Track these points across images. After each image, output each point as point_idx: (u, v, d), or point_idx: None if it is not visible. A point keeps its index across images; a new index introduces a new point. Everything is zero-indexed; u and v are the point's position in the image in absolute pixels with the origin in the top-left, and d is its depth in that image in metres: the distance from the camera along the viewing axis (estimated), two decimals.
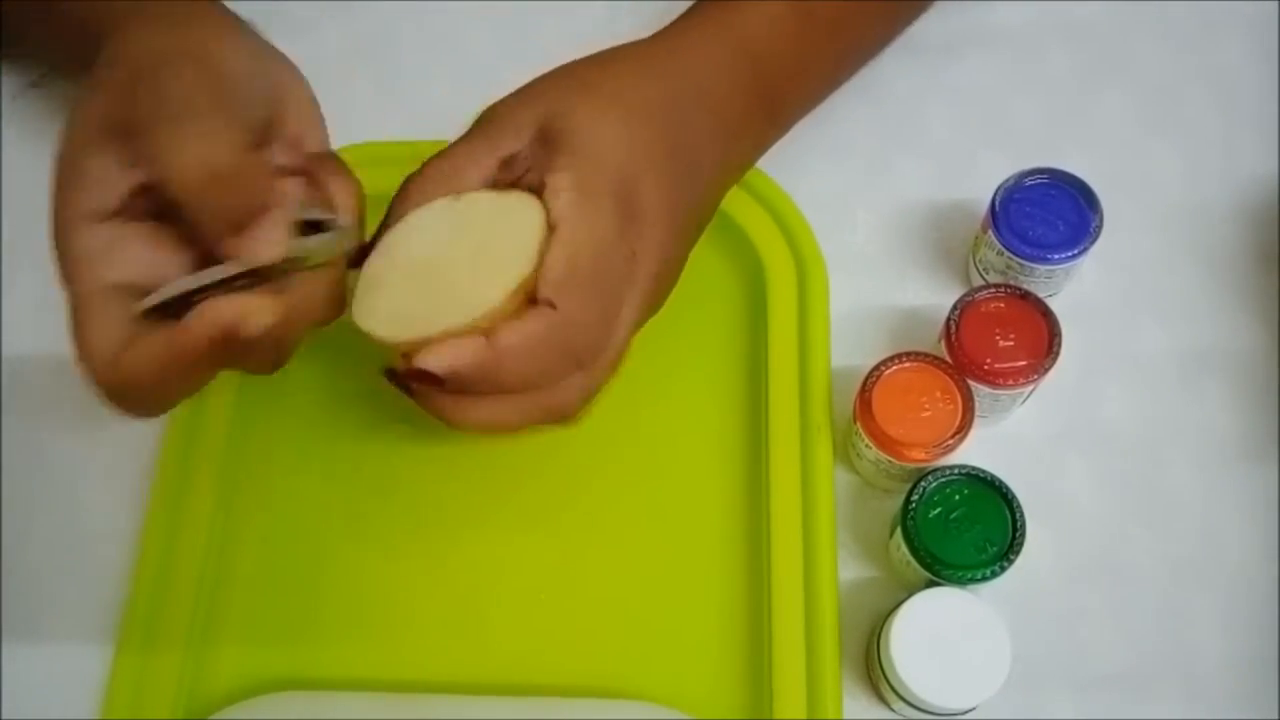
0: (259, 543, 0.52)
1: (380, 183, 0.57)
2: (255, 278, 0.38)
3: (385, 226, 0.44)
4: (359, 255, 0.43)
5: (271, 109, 0.41)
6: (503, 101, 0.45)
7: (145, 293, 0.38)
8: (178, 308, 0.38)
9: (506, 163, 0.44)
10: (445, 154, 0.44)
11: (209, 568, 0.50)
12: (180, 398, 0.40)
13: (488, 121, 0.45)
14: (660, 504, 0.52)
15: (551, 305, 0.40)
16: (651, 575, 0.50)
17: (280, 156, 0.41)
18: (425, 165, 0.44)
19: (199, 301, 0.37)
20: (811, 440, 0.51)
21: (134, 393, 0.38)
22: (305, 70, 0.64)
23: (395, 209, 0.44)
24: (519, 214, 0.42)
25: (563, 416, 0.44)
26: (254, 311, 0.37)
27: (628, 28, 0.64)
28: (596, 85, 0.45)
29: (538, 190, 0.42)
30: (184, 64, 0.38)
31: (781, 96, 0.51)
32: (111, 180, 0.38)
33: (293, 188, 0.41)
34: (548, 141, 0.43)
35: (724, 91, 0.48)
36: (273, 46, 0.42)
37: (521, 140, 0.44)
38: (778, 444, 0.51)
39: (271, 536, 0.52)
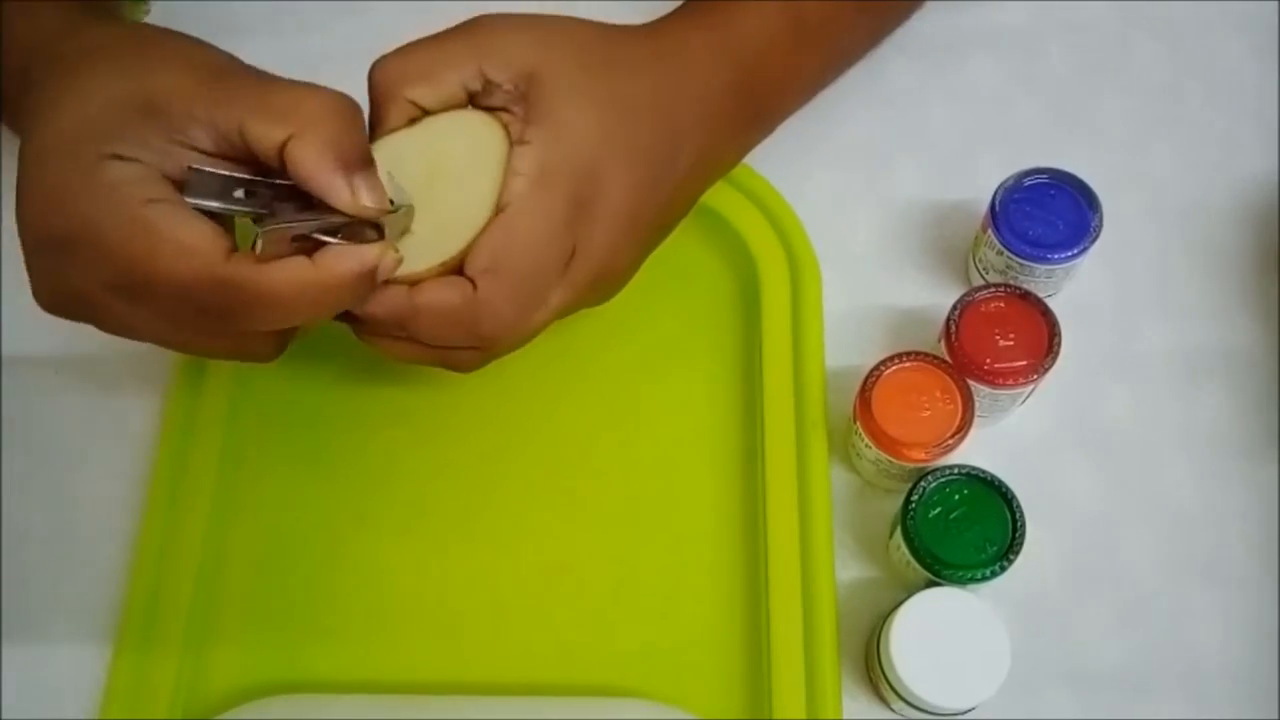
0: (256, 544, 0.52)
1: None
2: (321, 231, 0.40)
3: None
4: None
5: None
6: (501, 20, 0.44)
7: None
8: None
9: (487, 86, 0.43)
10: (428, 47, 0.44)
11: (206, 569, 0.50)
12: (290, 324, 0.41)
13: (480, 32, 0.44)
14: (658, 503, 0.52)
15: (473, 284, 0.41)
16: (650, 575, 0.50)
17: None
18: (405, 55, 0.44)
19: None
20: (807, 437, 0.50)
21: (261, 302, 0.39)
22: (306, 70, 0.64)
23: (374, 100, 0.44)
24: (482, 139, 0.43)
25: (457, 370, 0.45)
26: (386, 255, 0.40)
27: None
28: (594, 65, 0.44)
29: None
30: (241, 66, 0.41)
31: (768, 101, 0.51)
32: (152, 148, 0.39)
33: None
34: (529, 100, 0.43)
35: (714, 98, 0.47)
36: None
37: (508, 72, 0.43)
38: (773, 441, 0.50)
39: (268, 538, 0.52)
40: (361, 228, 0.40)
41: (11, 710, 0.49)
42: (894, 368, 0.48)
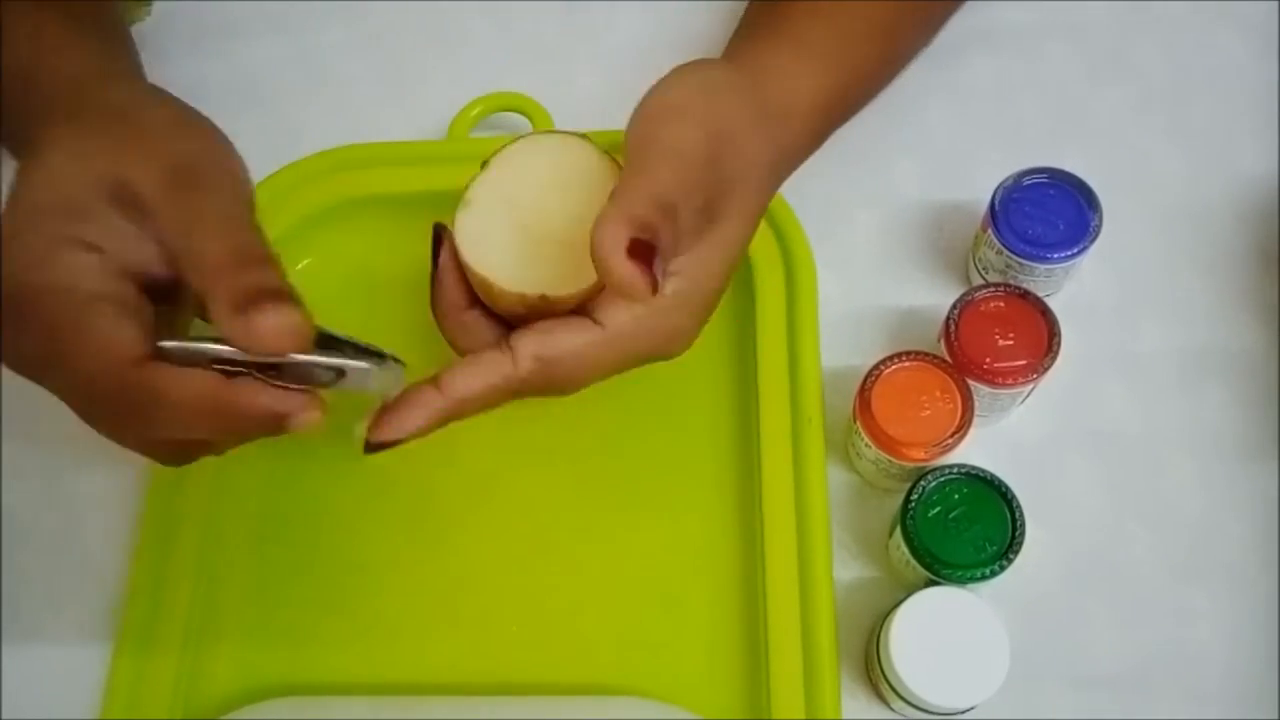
0: (255, 544, 0.52)
1: (381, 183, 0.57)
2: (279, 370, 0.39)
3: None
4: None
5: None
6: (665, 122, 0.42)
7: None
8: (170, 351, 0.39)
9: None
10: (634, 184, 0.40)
11: (206, 569, 0.50)
12: (190, 435, 0.42)
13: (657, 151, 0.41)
14: (655, 501, 0.52)
15: (600, 325, 0.41)
16: (649, 574, 0.50)
17: None
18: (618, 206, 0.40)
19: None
20: (803, 435, 0.50)
21: (161, 408, 0.39)
22: (306, 70, 0.65)
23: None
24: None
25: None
26: (307, 411, 0.40)
27: (626, 29, 0.64)
28: (762, 145, 0.43)
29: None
30: (222, 178, 0.40)
31: (832, 125, 0.49)
32: (119, 235, 0.39)
33: None
34: (718, 188, 0.41)
35: (804, 144, 0.47)
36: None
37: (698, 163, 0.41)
38: (769, 440, 0.50)
39: (267, 538, 0.52)
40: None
41: (11, 710, 0.49)
42: (894, 367, 0.48)
